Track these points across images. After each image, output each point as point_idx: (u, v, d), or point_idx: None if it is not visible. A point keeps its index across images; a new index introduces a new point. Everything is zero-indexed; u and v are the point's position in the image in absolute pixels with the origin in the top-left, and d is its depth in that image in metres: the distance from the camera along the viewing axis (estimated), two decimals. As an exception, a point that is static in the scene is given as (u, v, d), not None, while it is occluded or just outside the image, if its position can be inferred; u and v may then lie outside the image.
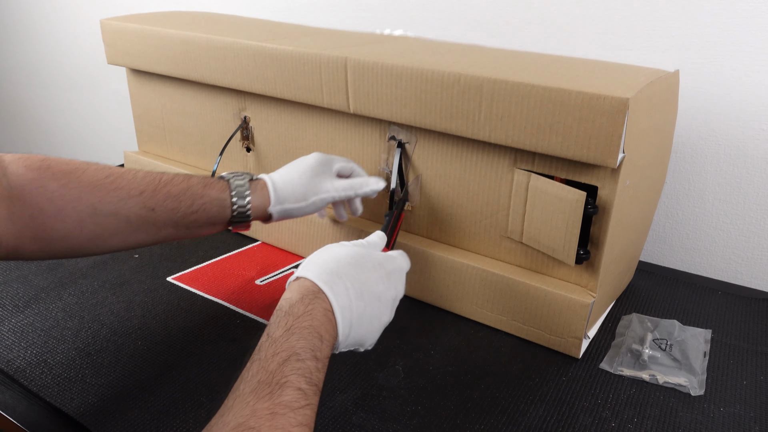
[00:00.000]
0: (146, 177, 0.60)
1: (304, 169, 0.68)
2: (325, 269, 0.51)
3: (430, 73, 0.67)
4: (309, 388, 0.43)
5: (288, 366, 0.43)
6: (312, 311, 0.48)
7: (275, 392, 0.42)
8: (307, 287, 0.49)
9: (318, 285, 0.49)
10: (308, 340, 0.46)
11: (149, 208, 0.59)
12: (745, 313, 0.78)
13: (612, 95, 0.57)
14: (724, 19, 0.81)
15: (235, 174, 0.66)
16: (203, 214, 0.62)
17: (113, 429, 0.56)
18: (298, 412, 0.41)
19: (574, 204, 0.63)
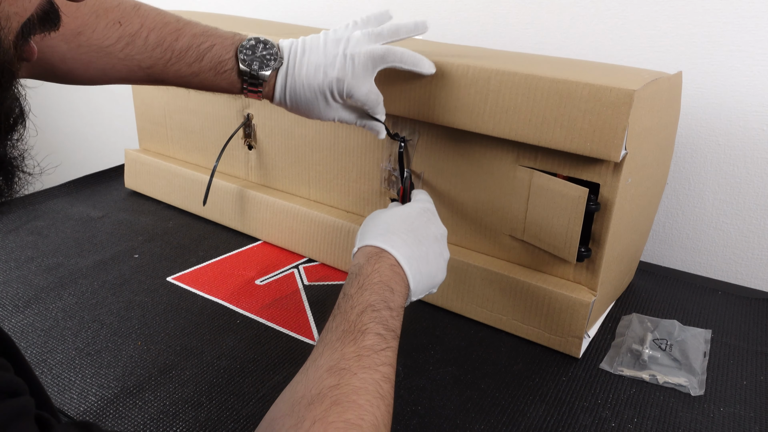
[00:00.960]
0: (158, 46, 0.59)
1: (314, 87, 0.62)
2: (379, 232, 0.56)
3: (438, 65, 0.66)
4: (387, 333, 0.48)
5: (365, 316, 0.49)
6: (379, 269, 0.53)
7: (358, 339, 0.47)
8: (370, 251, 0.54)
9: (378, 246, 0.54)
10: (380, 294, 0.51)
11: (158, 81, 0.61)
12: (745, 313, 0.78)
13: (618, 87, 0.57)
14: (724, 19, 0.81)
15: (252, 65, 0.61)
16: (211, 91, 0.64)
17: (113, 429, 0.56)
18: (380, 353, 0.47)
19: (576, 200, 0.63)
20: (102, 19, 0.56)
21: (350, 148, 0.80)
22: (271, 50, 0.61)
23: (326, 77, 0.61)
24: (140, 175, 1.06)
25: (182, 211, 1.01)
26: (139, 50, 0.58)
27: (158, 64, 0.59)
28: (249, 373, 0.64)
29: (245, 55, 0.61)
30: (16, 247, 0.88)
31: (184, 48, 0.59)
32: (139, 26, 0.58)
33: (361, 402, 0.43)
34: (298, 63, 0.62)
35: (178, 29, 0.60)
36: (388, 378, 0.46)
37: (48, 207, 1.01)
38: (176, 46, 0.59)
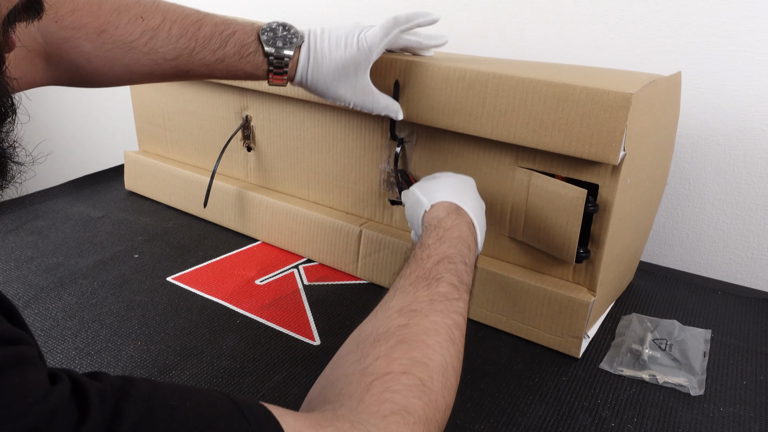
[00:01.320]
0: (181, 37, 0.60)
1: (337, 63, 0.63)
2: (453, 192, 0.58)
3: (436, 69, 0.67)
4: (461, 285, 0.49)
5: (441, 266, 0.49)
6: (459, 225, 0.54)
7: (432, 285, 0.47)
8: (449, 206, 0.56)
9: (457, 204, 0.56)
10: (458, 248, 0.51)
11: (183, 72, 0.61)
12: (745, 313, 0.78)
13: (615, 90, 0.57)
14: (724, 19, 0.81)
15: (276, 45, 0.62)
16: (234, 78, 0.64)
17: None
18: (453, 302, 0.47)
19: (575, 201, 0.63)
20: (124, 16, 0.57)
21: (349, 150, 0.80)
22: (291, 30, 0.63)
23: (348, 47, 0.63)
24: (140, 176, 1.06)
25: (182, 212, 1.01)
26: (163, 43, 0.59)
27: (183, 55, 0.60)
28: (249, 373, 0.64)
29: (268, 36, 0.62)
30: (16, 247, 0.88)
31: (208, 36, 0.60)
32: (161, 20, 0.59)
33: (430, 342, 0.42)
34: (319, 39, 0.63)
35: (199, 20, 0.60)
36: (459, 326, 0.46)
37: (48, 207, 1.01)
38: (199, 35, 0.60)
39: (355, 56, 0.63)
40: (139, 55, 0.58)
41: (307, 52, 0.63)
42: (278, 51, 0.62)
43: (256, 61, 0.62)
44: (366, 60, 0.63)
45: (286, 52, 0.62)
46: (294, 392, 0.61)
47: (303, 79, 0.64)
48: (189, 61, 0.60)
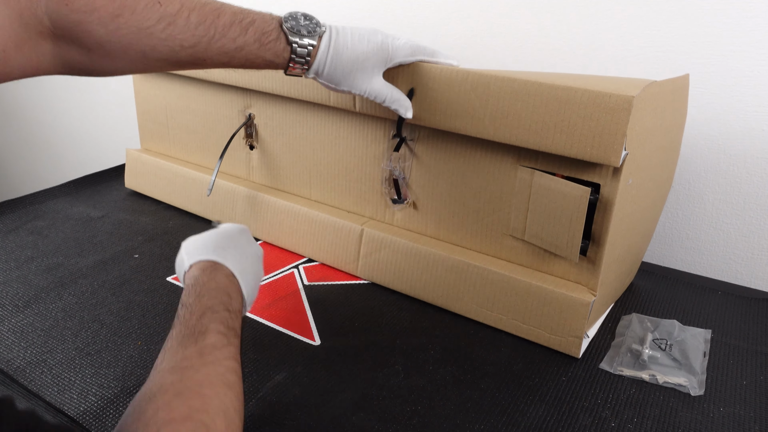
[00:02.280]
0: (200, 24, 0.58)
1: (358, 55, 0.63)
2: (209, 248, 0.58)
3: (438, 71, 0.67)
4: (228, 331, 0.49)
5: (205, 318, 0.49)
6: (215, 277, 0.54)
7: (199, 339, 0.47)
8: (204, 265, 0.56)
9: (212, 259, 0.56)
10: (218, 298, 0.52)
11: (201, 60, 0.59)
12: (745, 313, 0.78)
13: (617, 93, 0.57)
14: (725, 19, 0.81)
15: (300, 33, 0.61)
16: (253, 67, 0.62)
17: (113, 429, 0.56)
18: (224, 349, 0.47)
19: (578, 200, 0.63)
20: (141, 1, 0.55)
21: (351, 149, 0.80)
22: (313, 20, 0.62)
23: (371, 42, 0.63)
24: (141, 174, 1.06)
25: (182, 211, 1.01)
26: (181, 30, 0.56)
27: (202, 42, 0.58)
28: (249, 373, 0.64)
29: (291, 24, 0.61)
30: (16, 247, 0.88)
31: (227, 24, 0.59)
32: (180, 6, 0.57)
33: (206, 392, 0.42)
34: (341, 32, 0.63)
35: (217, 8, 0.59)
36: (233, 370, 0.46)
37: (48, 207, 1.01)
38: (219, 23, 0.58)
39: (377, 53, 0.64)
40: (155, 42, 0.56)
41: (328, 42, 0.62)
42: (302, 39, 0.61)
43: (277, 48, 0.61)
44: (386, 60, 0.64)
45: (309, 41, 0.61)
46: (294, 392, 0.61)
47: (321, 68, 0.63)
48: (207, 48, 0.58)
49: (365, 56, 0.63)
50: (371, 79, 0.65)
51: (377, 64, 0.64)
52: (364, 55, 0.63)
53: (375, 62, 0.64)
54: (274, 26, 0.61)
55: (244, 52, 0.60)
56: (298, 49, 0.61)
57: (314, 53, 0.62)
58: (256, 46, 0.60)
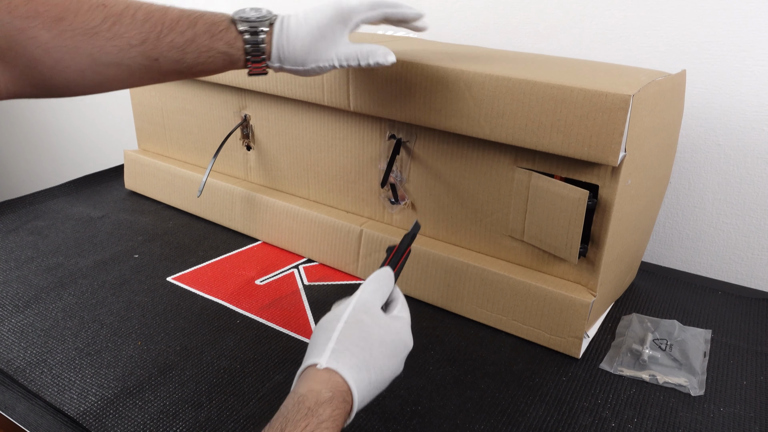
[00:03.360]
0: (147, 21, 0.56)
1: (312, 27, 0.60)
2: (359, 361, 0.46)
3: (434, 70, 0.67)
4: None
5: None
6: (337, 417, 0.43)
7: None
8: (339, 386, 0.44)
9: (350, 385, 0.45)
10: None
11: (152, 59, 0.56)
12: (745, 313, 0.78)
13: (614, 92, 0.57)
14: (725, 18, 0.81)
15: (249, 20, 0.59)
16: (210, 65, 0.59)
17: (113, 429, 0.56)
18: None
19: (577, 202, 0.63)
20: (84, 3, 0.54)
21: (348, 149, 0.80)
22: (262, 10, 0.60)
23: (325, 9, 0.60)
24: (140, 175, 1.06)
25: (182, 211, 1.01)
26: (127, 27, 0.55)
27: (150, 38, 0.56)
28: (249, 373, 0.64)
29: (239, 15, 0.59)
30: (16, 247, 0.88)
31: (175, 18, 0.57)
32: (125, 6, 0.55)
33: None
34: (293, 13, 0.61)
35: (163, 6, 0.57)
36: None
37: (48, 207, 1.01)
38: (166, 18, 0.57)
39: (335, 17, 0.60)
40: (102, 42, 0.54)
41: (281, 24, 0.60)
42: (252, 25, 0.59)
43: (228, 37, 0.58)
44: (345, 20, 0.60)
45: (261, 27, 0.59)
46: (294, 392, 0.61)
47: (281, 51, 0.60)
48: (157, 45, 0.56)
49: (323, 23, 0.60)
50: (336, 45, 0.61)
51: (337, 29, 0.60)
52: (322, 23, 0.60)
53: (335, 27, 0.60)
54: (223, 18, 0.59)
55: (195, 44, 0.57)
56: (250, 37, 0.59)
57: (269, 38, 0.60)
58: (206, 37, 0.58)
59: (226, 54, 0.59)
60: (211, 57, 0.58)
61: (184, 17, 0.57)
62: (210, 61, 0.58)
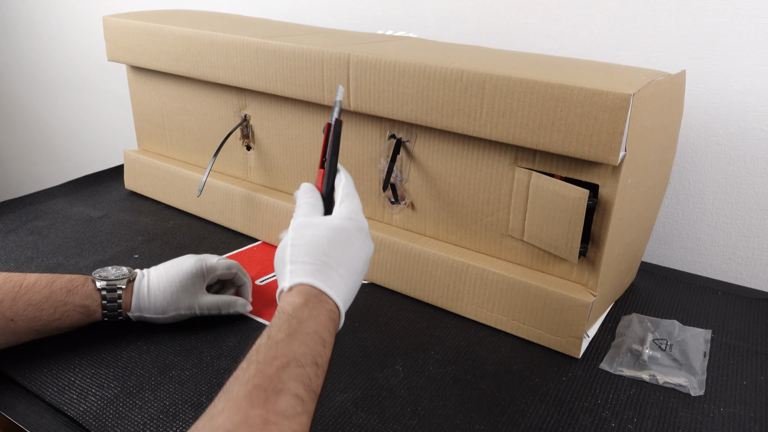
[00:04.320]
0: (6, 284, 0.61)
1: (173, 279, 0.67)
2: (317, 265, 0.49)
3: (433, 70, 0.67)
4: (307, 394, 0.42)
5: (287, 372, 0.42)
6: (317, 316, 0.46)
7: (270, 398, 0.40)
8: (308, 291, 0.48)
9: (318, 287, 0.48)
10: (311, 346, 0.45)
11: (8, 319, 0.60)
12: (745, 313, 0.78)
13: (614, 91, 0.57)
14: (725, 19, 0.81)
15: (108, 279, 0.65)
16: (66, 320, 0.63)
17: (113, 429, 0.56)
18: (293, 420, 0.40)
19: (577, 202, 0.63)
20: None
21: (348, 149, 0.80)
22: (123, 269, 0.67)
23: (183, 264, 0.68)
24: (140, 176, 1.06)
25: (182, 211, 1.01)
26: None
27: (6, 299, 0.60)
28: (249, 373, 0.63)
29: (98, 273, 0.66)
30: (16, 247, 0.88)
31: (33, 280, 0.62)
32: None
33: None
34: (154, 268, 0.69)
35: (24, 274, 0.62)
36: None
37: (48, 207, 1.01)
38: (24, 281, 0.62)
39: (196, 272, 0.68)
40: None
41: (141, 277, 0.67)
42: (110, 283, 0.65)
43: (85, 291, 0.64)
44: (203, 276, 0.69)
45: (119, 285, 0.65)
46: (294, 392, 0.61)
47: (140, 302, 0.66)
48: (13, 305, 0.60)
49: (184, 278, 0.67)
50: (197, 297, 0.68)
51: (197, 282, 0.68)
52: (183, 277, 0.67)
53: (195, 281, 0.68)
54: (82, 277, 0.65)
55: (51, 300, 0.61)
56: (107, 293, 0.64)
57: (127, 294, 0.65)
58: (63, 293, 0.62)
59: (82, 306, 0.63)
60: (67, 312, 0.63)
61: (42, 278, 0.63)
62: (66, 315, 0.63)
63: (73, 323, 0.64)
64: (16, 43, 1.87)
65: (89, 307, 0.64)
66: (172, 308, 0.67)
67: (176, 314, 0.68)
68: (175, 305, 0.67)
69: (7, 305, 0.59)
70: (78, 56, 1.70)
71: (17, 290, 0.60)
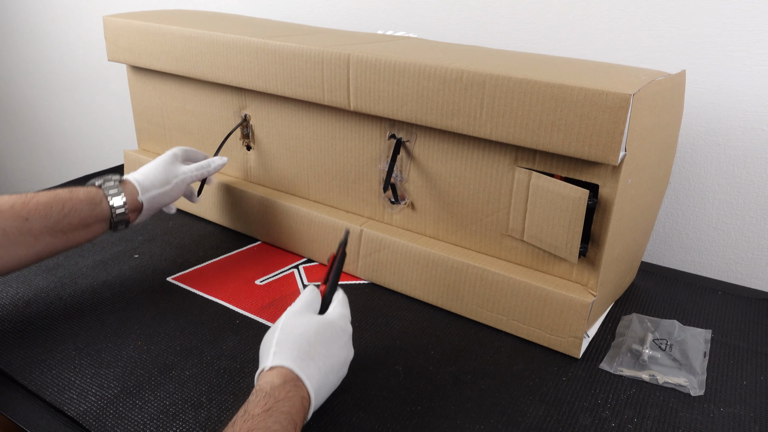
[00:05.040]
0: (14, 196, 0.66)
1: (158, 162, 0.78)
2: (299, 353, 0.53)
3: (433, 70, 0.67)
4: None
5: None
6: (292, 398, 0.50)
7: None
8: (287, 374, 0.51)
9: (296, 373, 0.52)
10: (284, 425, 0.47)
11: (23, 218, 0.64)
12: (745, 313, 0.78)
13: (614, 91, 0.57)
14: (725, 19, 0.81)
15: (104, 177, 0.73)
16: (75, 215, 0.68)
17: (113, 429, 0.56)
18: None
19: (577, 202, 0.63)
20: None
21: (348, 149, 0.80)
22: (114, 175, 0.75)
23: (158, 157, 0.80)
24: (140, 175, 1.06)
25: (182, 211, 1.01)
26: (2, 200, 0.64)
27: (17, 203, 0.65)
28: (249, 373, 0.63)
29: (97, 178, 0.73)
30: (16, 247, 0.88)
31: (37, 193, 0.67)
32: None
33: None
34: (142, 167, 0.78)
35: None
36: None
37: (48, 207, 1.01)
38: (29, 194, 0.67)
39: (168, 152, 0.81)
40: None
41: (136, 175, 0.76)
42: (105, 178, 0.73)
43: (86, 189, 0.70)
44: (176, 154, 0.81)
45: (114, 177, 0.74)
46: (294, 392, 0.61)
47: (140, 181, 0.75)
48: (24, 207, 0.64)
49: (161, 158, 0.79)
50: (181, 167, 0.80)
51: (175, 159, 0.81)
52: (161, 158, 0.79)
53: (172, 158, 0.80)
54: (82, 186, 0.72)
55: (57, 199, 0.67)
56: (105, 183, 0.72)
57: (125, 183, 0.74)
58: (66, 192, 0.68)
59: (87, 198, 0.69)
60: (74, 207, 0.68)
61: (45, 191, 0.68)
62: (74, 210, 0.68)
63: (83, 218, 0.68)
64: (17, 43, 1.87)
65: (94, 198, 0.70)
66: (172, 176, 0.77)
67: (177, 181, 0.78)
68: (173, 174, 0.78)
69: (19, 207, 0.64)
70: (78, 56, 1.70)
71: (26, 197, 0.66)
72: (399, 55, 0.70)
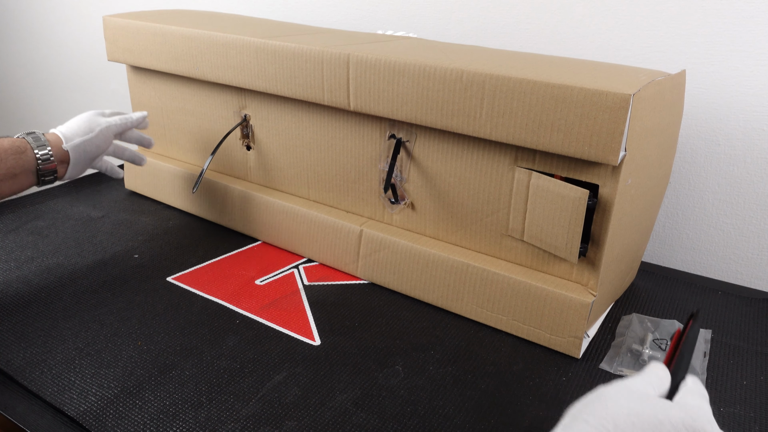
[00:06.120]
0: None
1: (81, 115, 0.83)
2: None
3: (433, 70, 0.67)
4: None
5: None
6: None
7: None
8: None
9: None
10: None
11: None
12: (745, 313, 0.78)
13: (614, 91, 0.57)
14: (725, 19, 0.81)
15: (27, 131, 0.77)
16: (1, 164, 0.71)
17: (113, 429, 0.56)
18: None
19: (577, 202, 0.63)
20: None
21: (348, 149, 0.80)
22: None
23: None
24: (140, 176, 1.06)
25: (182, 211, 1.01)
26: None
27: None
28: (249, 373, 0.64)
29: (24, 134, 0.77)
30: (16, 247, 0.88)
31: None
32: None
33: None
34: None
35: None
36: None
37: (48, 207, 1.01)
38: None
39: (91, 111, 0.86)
40: None
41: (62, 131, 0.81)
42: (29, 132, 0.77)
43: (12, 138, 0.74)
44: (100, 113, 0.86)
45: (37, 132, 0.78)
46: (294, 392, 0.61)
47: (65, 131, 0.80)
48: None
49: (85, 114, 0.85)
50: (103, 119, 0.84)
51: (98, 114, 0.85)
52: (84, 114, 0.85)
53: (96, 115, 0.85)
54: None
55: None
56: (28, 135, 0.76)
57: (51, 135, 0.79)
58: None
59: (11, 148, 0.73)
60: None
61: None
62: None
63: (9, 168, 0.72)
64: (17, 43, 1.87)
65: (18, 147, 0.74)
66: (94, 124, 0.82)
67: (101, 128, 0.82)
68: (96, 123, 0.82)
69: None
70: (78, 56, 1.70)
71: None
72: (399, 55, 0.70)
